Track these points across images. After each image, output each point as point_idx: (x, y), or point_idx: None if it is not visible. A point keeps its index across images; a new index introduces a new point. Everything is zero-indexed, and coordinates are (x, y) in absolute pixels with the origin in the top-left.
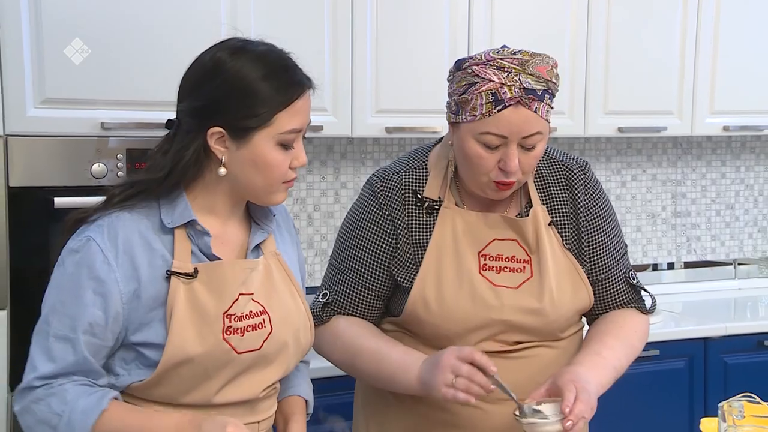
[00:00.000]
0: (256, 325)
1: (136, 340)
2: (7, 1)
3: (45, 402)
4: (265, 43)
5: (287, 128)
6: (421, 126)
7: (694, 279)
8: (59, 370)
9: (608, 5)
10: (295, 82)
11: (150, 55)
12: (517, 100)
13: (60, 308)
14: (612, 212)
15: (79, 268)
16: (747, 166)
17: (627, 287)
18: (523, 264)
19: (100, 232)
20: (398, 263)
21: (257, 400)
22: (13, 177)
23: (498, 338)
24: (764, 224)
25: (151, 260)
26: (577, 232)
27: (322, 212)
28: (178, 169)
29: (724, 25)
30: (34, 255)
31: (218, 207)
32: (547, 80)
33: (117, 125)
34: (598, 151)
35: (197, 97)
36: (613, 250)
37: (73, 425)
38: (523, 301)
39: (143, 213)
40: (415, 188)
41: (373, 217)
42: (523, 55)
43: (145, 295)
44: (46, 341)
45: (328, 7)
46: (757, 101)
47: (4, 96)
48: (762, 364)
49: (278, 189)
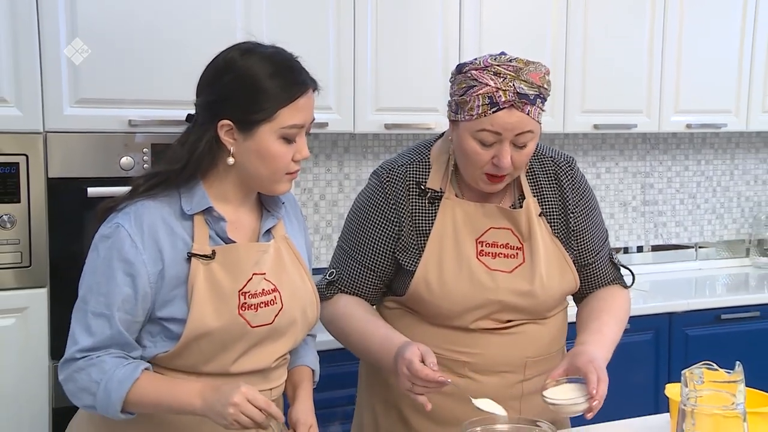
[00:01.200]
0: (268, 302)
1: (160, 315)
2: (47, 12)
3: (86, 371)
4: (274, 46)
5: (289, 123)
6: (417, 123)
7: (660, 261)
8: (97, 344)
9: (585, 18)
10: (299, 82)
11: (171, 60)
12: (511, 104)
13: (95, 288)
14: (595, 202)
15: (110, 252)
16: (707, 159)
17: (611, 267)
18: (516, 250)
19: (128, 219)
20: (402, 248)
21: (269, 370)
22: (51, 169)
23: (492, 317)
24: (722, 212)
25: (173, 243)
26: (566, 222)
27: (327, 201)
28: (193, 160)
29: (686, 34)
30: (70, 239)
31: (230, 195)
32: (539, 86)
33: (143, 122)
34: (576, 146)
35: (210, 93)
36: (598, 236)
37: (109, 392)
38: (516, 284)
39: (165, 201)
40: (418, 180)
41: (379, 205)
42: (518, 62)
43: (169, 274)
44: (84, 318)
45: (332, 16)
46: (716, 102)
47: (44, 97)
48: (719, 336)
49: (281, 179)
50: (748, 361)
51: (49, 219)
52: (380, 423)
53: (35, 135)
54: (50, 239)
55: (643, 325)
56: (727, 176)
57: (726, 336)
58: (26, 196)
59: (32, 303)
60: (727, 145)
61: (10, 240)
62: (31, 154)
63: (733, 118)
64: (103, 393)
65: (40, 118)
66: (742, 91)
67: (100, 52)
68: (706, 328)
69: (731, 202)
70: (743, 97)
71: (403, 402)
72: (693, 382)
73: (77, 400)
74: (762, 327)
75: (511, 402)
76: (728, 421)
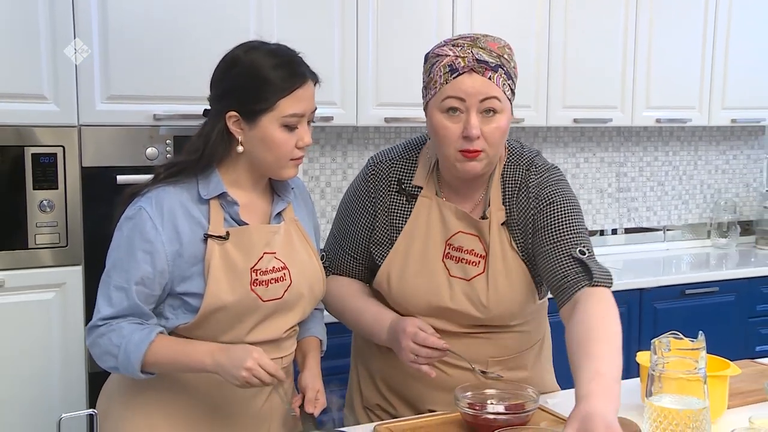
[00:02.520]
0: (278, 278)
1: (180, 290)
2: (81, 18)
3: (107, 336)
4: (277, 44)
5: (289, 112)
6: (414, 117)
7: (632, 242)
8: (117, 313)
9: (565, 22)
10: (298, 74)
11: (192, 59)
12: (471, 68)
13: (118, 264)
14: (568, 203)
15: (132, 232)
16: (674, 151)
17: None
18: (479, 258)
19: (150, 203)
20: (375, 241)
21: (281, 340)
22: (85, 159)
23: (450, 321)
24: (686, 198)
25: (190, 226)
26: (533, 225)
27: (332, 188)
28: (208, 149)
29: (656, 38)
30: (102, 221)
31: (243, 181)
32: (499, 56)
33: (166, 116)
34: (557, 138)
35: (218, 87)
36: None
37: (128, 353)
38: (472, 293)
39: (184, 187)
40: (400, 177)
41: (360, 197)
42: (476, 35)
43: (186, 254)
44: (107, 290)
45: (338, 17)
46: (682, 99)
47: (78, 94)
48: (684, 309)
49: (287, 165)
50: (708, 330)
51: (83, 204)
52: (363, 391)
53: (71, 128)
54: (84, 222)
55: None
56: (691, 166)
57: (690, 309)
58: (63, 183)
59: (69, 279)
60: (691, 138)
61: (50, 222)
62: (68, 145)
63: (697, 113)
64: (123, 355)
65: (75, 113)
66: (704, 89)
67: (128, 52)
68: (672, 302)
69: (695, 189)
70: (705, 95)
71: (376, 373)
72: (661, 350)
73: (102, 362)
74: (721, 300)
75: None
76: (691, 384)
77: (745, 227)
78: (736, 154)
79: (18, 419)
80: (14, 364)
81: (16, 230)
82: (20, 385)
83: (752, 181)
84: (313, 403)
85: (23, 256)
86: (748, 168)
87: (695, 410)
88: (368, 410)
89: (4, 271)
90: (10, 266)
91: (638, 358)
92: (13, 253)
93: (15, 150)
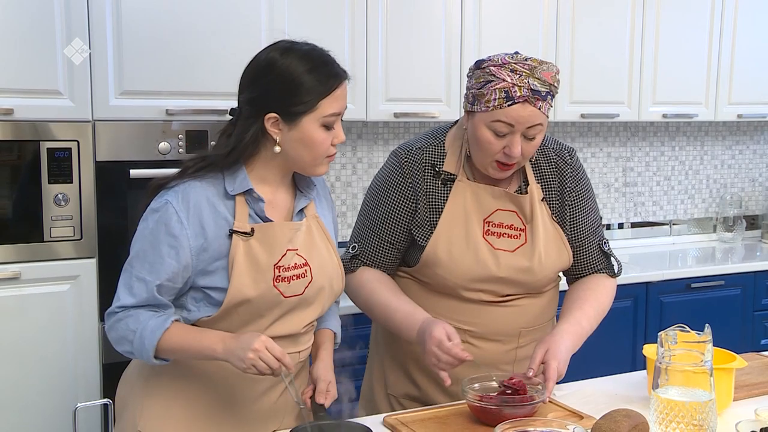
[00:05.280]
0: (300, 275)
1: (203, 284)
2: (96, 15)
3: (124, 322)
4: (308, 44)
5: (329, 112)
6: (423, 112)
7: (638, 236)
8: (135, 303)
9: (572, 19)
10: (335, 74)
11: (203, 56)
12: (525, 99)
13: (142, 255)
14: (590, 192)
15: (158, 225)
16: (680, 146)
17: (600, 254)
18: (519, 231)
19: (176, 197)
20: (417, 224)
21: (299, 335)
22: (99, 153)
23: (492, 291)
24: (693, 192)
25: (216, 221)
26: (561, 207)
27: (342, 182)
28: (239, 148)
29: (663, 34)
30: (115, 214)
31: (270, 178)
32: (551, 84)
33: (178, 111)
34: (565, 133)
35: (254, 89)
36: (590, 222)
37: (143, 339)
38: (517, 262)
39: (210, 182)
40: (433, 162)
41: (398, 184)
42: (533, 61)
43: (211, 248)
44: (129, 279)
45: (347, 13)
46: (689, 94)
47: (92, 90)
48: (690, 302)
49: (322, 162)
50: (714, 323)
51: (97, 197)
52: (388, 379)
53: (85, 123)
54: (98, 215)
55: (623, 293)
56: (697, 161)
57: (696, 302)
58: (78, 177)
59: (83, 271)
60: (697, 133)
61: (65, 216)
62: (82, 140)
63: (703, 109)
64: (138, 340)
65: (89, 108)
66: (711, 85)
67: (140, 48)
68: (678, 295)
69: (701, 183)
70: (712, 90)
71: (409, 361)
72: (667, 342)
73: (119, 346)
74: (726, 294)
75: (505, 366)
76: (697, 376)
77: (751, 222)
78: (742, 149)
79: (34, 409)
80: (30, 355)
81: (32, 223)
82: (36, 376)
83: (758, 175)
84: (324, 394)
85: (39, 249)
86: (754, 163)
87: (701, 402)
88: (393, 398)
89: (20, 264)
90: (26, 259)
91: (645, 350)
92: (29, 245)
93: (31, 145)
